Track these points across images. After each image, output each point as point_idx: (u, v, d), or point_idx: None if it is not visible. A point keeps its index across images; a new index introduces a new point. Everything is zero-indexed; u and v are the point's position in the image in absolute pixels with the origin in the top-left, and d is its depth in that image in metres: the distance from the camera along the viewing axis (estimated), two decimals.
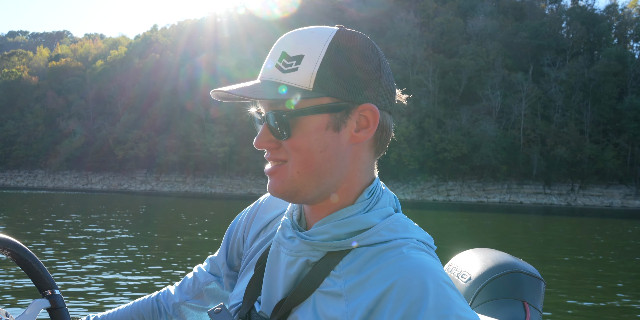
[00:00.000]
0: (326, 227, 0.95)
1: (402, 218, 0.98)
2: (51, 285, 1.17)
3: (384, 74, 0.96)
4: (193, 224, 19.39)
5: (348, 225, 0.94)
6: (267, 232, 1.15)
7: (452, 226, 23.28)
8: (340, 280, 0.92)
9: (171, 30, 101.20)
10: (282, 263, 0.99)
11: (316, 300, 0.93)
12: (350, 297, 0.89)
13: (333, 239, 0.94)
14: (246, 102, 0.96)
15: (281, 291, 0.98)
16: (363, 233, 0.93)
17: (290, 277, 0.97)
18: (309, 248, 0.96)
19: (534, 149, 69.33)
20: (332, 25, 0.89)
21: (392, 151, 67.32)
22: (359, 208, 0.96)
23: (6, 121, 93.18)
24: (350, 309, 0.88)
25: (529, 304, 1.24)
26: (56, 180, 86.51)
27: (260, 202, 1.22)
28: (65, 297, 4.85)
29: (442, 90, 75.07)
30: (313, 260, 0.96)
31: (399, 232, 0.95)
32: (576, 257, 13.48)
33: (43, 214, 21.90)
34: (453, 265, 1.40)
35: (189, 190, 75.74)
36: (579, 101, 72.68)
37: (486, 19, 79.38)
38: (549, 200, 67.40)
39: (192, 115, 79.15)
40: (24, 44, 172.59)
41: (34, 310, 1.12)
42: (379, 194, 0.99)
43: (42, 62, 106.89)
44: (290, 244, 0.99)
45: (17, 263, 1.16)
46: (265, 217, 1.18)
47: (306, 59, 0.90)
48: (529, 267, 1.30)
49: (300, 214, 1.03)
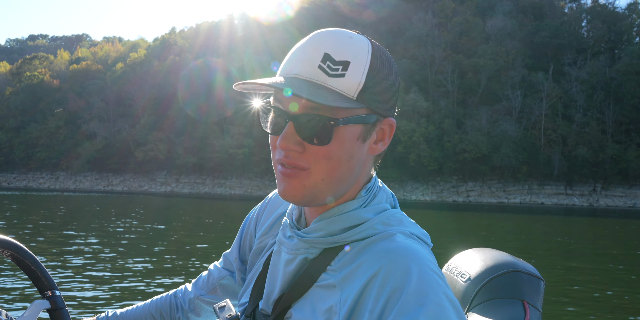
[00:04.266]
0: (321, 224, 0.97)
1: (397, 213, 0.99)
2: (51, 286, 1.16)
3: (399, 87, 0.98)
4: (201, 226, 19.33)
5: (342, 221, 0.96)
6: (277, 230, 1.15)
7: (475, 228, 23.19)
8: (336, 273, 0.93)
9: (189, 33, 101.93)
10: (282, 262, 1.01)
11: (313, 294, 0.95)
12: (343, 286, 0.90)
13: (328, 235, 0.96)
14: (256, 91, 0.96)
15: (281, 288, 1.00)
16: (357, 228, 0.95)
17: (288, 274, 0.99)
18: (306, 245, 0.98)
19: (555, 149, 68.64)
20: (350, 26, 0.91)
21: (412, 152, 67.11)
22: (355, 205, 0.98)
23: (28, 124, 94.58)
24: (343, 298, 0.89)
25: (529, 304, 1.23)
26: (77, 182, 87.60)
27: (270, 198, 1.23)
28: (68, 301, 4.88)
29: (461, 90, 74.64)
30: (311, 257, 0.98)
31: (393, 226, 0.96)
32: (580, 256, 13.37)
33: (53, 215, 22.12)
34: (452, 265, 1.39)
35: (209, 192, 76.22)
36: (601, 101, 71.79)
37: (505, 18, 78.75)
38: (571, 201, 66.67)
39: (211, 117, 79.63)
40: (44, 48, 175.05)
41: (34, 311, 1.12)
42: (375, 191, 1.01)
43: (63, 65, 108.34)
44: (289, 242, 1.01)
45: (17, 264, 1.15)
46: (275, 211, 1.19)
47: (353, 67, 0.90)
48: (528, 267, 1.30)
49: (300, 213, 1.05)
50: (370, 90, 0.92)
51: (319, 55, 0.90)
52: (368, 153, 0.97)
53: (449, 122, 71.15)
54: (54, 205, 30.88)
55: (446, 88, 74.63)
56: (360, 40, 0.93)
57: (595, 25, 78.65)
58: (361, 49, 0.92)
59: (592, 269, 11.51)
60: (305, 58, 0.91)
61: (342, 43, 0.92)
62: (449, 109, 72.63)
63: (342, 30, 0.95)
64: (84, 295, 7.12)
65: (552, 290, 8.47)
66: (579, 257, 13.42)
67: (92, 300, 6.78)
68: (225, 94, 78.39)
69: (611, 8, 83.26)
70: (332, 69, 0.89)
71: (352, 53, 0.91)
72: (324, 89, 0.89)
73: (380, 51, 0.95)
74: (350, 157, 0.93)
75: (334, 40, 0.92)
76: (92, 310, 6.37)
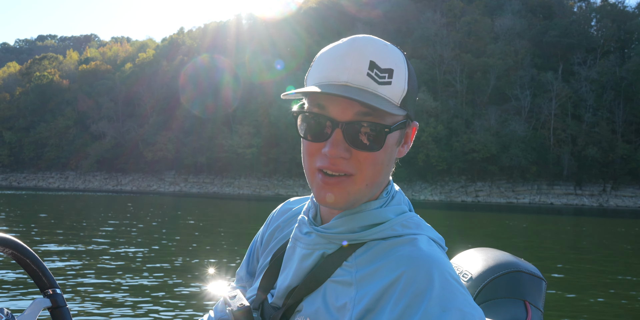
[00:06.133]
0: (342, 221, 0.98)
1: (415, 217, 1.01)
2: (52, 284, 1.16)
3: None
4: (203, 225, 19.38)
5: (363, 219, 0.97)
6: (282, 233, 1.18)
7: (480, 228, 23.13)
8: (352, 269, 0.94)
9: (197, 33, 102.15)
10: (297, 257, 1.02)
11: (327, 289, 0.95)
12: (360, 285, 0.90)
13: (348, 232, 0.97)
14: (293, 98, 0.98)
15: (294, 281, 1.01)
16: (377, 227, 0.96)
17: (303, 269, 1.00)
18: (325, 241, 0.99)
19: (564, 149, 68.33)
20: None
21: (420, 152, 66.97)
22: (377, 204, 1.00)
23: (38, 124, 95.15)
24: (358, 296, 0.89)
25: (530, 304, 1.24)
26: (87, 182, 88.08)
27: (273, 213, 1.26)
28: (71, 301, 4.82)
29: (470, 90, 74.42)
30: (329, 253, 0.99)
31: (412, 228, 0.97)
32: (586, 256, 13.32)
33: (60, 214, 22.26)
34: (454, 265, 1.38)
35: (217, 192, 76.40)
36: (611, 100, 71.38)
37: (514, 17, 78.43)
38: (580, 201, 66.33)
39: (219, 117, 79.82)
40: (53, 48, 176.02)
41: (35, 309, 1.12)
42: (393, 193, 1.03)
43: (72, 65, 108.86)
44: (306, 238, 1.02)
45: (18, 262, 1.16)
46: (279, 220, 1.22)
47: (396, 75, 0.92)
48: (530, 267, 1.30)
49: (316, 211, 1.06)
50: (410, 96, 0.95)
51: (365, 63, 0.90)
52: (396, 156, 1.00)
53: (457, 122, 70.97)
54: (63, 204, 31.09)
55: (455, 88, 74.43)
56: (394, 48, 0.96)
57: (605, 24, 78.20)
58: (398, 57, 0.94)
59: (598, 270, 11.47)
60: (351, 66, 0.90)
61: (382, 50, 0.93)
62: (458, 109, 72.45)
63: (375, 37, 0.95)
64: (86, 293, 7.12)
65: (554, 290, 8.45)
66: (584, 258, 13.37)
67: (94, 300, 6.78)
68: (232, 93, 78.59)
69: (621, 7, 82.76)
70: (380, 77, 0.90)
71: (393, 61, 0.92)
72: (376, 97, 0.90)
73: (407, 59, 0.98)
74: (390, 161, 0.97)
75: (375, 47, 0.93)
76: (94, 308, 6.36)
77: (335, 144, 0.91)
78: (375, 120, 0.91)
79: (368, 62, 0.90)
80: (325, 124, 0.92)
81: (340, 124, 0.91)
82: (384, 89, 0.90)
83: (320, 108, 0.93)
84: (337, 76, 0.91)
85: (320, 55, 0.97)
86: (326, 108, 0.92)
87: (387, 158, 0.95)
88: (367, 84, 0.90)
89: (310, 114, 0.94)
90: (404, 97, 0.93)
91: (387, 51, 0.93)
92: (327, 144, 0.91)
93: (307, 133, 0.95)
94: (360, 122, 0.90)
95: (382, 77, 0.90)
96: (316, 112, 0.93)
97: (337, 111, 0.91)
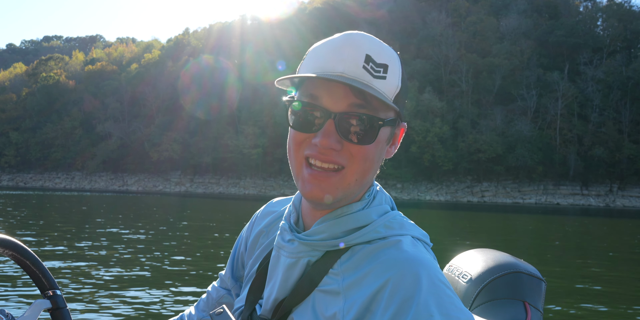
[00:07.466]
0: (324, 227, 0.95)
1: (398, 216, 0.99)
2: (52, 285, 1.16)
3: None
4: (202, 226, 19.33)
5: (346, 222, 0.95)
6: (267, 239, 1.15)
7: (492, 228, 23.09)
8: (339, 277, 0.92)
9: (202, 33, 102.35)
10: (282, 266, 0.99)
11: (315, 299, 0.93)
12: (347, 294, 0.89)
13: (331, 238, 0.95)
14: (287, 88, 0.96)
15: (282, 292, 0.98)
16: (360, 230, 0.94)
17: (289, 279, 0.97)
18: (308, 248, 0.96)
19: (570, 149, 68.12)
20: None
21: (426, 152, 66.92)
22: (359, 206, 0.97)
23: (44, 124, 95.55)
24: (347, 306, 0.88)
25: (530, 304, 1.23)
26: (93, 182, 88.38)
27: (257, 214, 1.24)
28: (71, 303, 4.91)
29: (475, 90, 74.31)
30: (313, 260, 0.96)
31: (395, 229, 0.95)
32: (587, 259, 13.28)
33: (63, 215, 22.27)
34: (454, 266, 1.39)
35: (223, 192, 76.54)
36: (617, 100, 71.12)
37: (520, 17, 78.29)
38: (587, 202, 66.12)
39: (224, 117, 79.93)
40: (59, 49, 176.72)
41: (35, 310, 1.11)
42: (374, 193, 1.01)
43: (78, 66, 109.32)
44: (289, 246, 0.99)
45: (18, 263, 1.15)
46: (262, 223, 1.19)
47: (391, 70, 0.91)
48: (529, 268, 1.30)
49: (298, 216, 1.03)
50: (402, 94, 0.95)
51: (361, 56, 0.89)
52: (385, 157, 0.99)
53: (463, 122, 70.86)
54: (68, 205, 31.20)
55: (460, 88, 74.33)
56: (388, 47, 0.95)
57: (611, 24, 77.96)
58: (393, 54, 0.94)
59: (599, 271, 11.45)
60: (346, 57, 0.89)
61: (377, 46, 0.92)
62: (464, 109, 72.33)
63: (371, 36, 0.94)
64: (86, 295, 7.11)
65: (555, 291, 8.43)
66: (586, 259, 13.33)
67: (94, 302, 6.76)
68: (236, 93, 78.65)
69: (627, 6, 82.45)
70: (375, 71, 0.89)
71: (388, 57, 0.92)
72: (371, 89, 0.88)
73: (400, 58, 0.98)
74: (379, 159, 0.95)
75: (371, 42, 0.92)
76: (94, 310, 6.35)
77: (326, 135, 0.89)
78: (369, 112, 0.89)
79: (364, 55, 0.89)
80: (317, 114, 0.91)
81: (333, 115, 0.89)
82: (379, 82, 0.89)
83: (313, 98, 0.91)
84: (333, 67, 0.89)
85: (314, 48, 0.96)
86: (319, 98, 0.90)
87: (377, 154, 0.93)
88: (363, 76, 0.89)
89: (302, 104, 0.92)
90: (397, 93, 0.92)
91: (382, 47, 0.93)
92: (318, 135, 0.90)
93: (297, 123, 0.93)
94: (354, 113, 0.89)
95: (378, 71, 0.89)
96: (309, 101, 0.91)
97: (331, 102, 0.89)
